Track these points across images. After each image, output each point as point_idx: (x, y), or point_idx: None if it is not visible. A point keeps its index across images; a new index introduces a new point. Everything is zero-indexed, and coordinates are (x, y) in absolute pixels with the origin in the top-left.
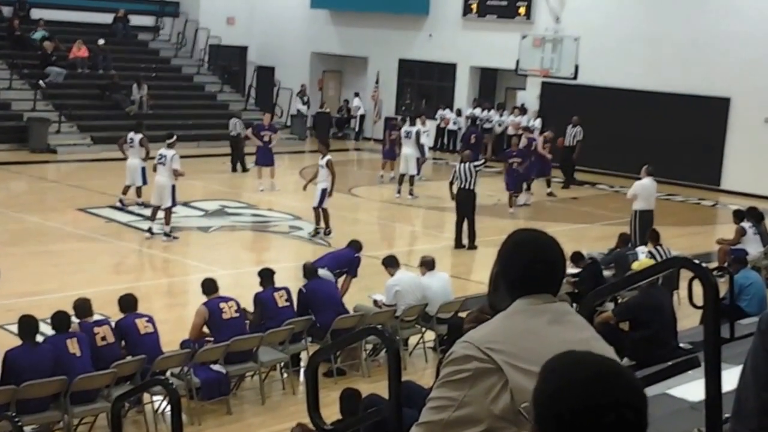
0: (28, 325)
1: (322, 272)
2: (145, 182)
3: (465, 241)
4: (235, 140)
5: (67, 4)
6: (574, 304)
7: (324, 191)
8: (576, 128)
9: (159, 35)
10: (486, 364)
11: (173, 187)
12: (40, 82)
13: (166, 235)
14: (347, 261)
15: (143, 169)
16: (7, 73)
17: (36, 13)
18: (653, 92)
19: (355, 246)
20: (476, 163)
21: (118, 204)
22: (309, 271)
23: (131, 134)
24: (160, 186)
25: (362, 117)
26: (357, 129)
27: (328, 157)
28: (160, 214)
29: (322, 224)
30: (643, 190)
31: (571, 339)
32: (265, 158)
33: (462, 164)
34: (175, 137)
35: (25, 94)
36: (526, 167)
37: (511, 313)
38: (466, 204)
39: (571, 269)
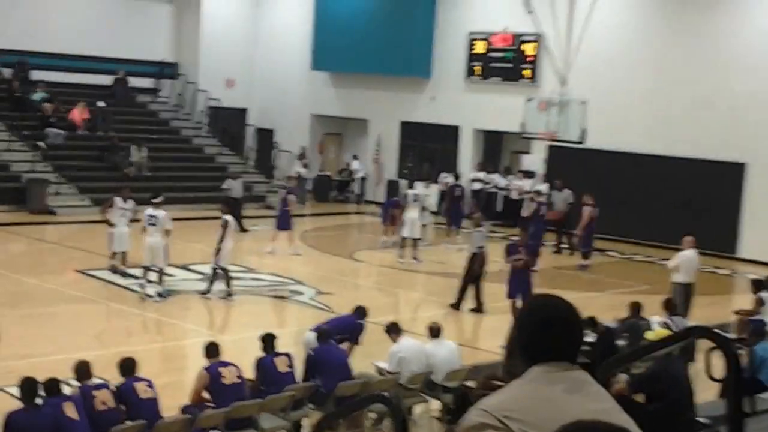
0: (29, 387)
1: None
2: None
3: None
4: (232, 201)
5: (67, 66)
6: None
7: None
8: (563, 192)
9: (158, 97)
10: (500, 430)
11: (165, 246)
12: (40, 143)
13: (160, 295)
14: (351, 328)
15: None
16: (7, 135)
17: (36, 75)
18: (664, 156)
19: (360, 313)
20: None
21: (115, 270)
22: (322, 334)
23: (119, 199)
24: (152, 247)
25: (363, 180)
26: (358, 192)
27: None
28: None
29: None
30: (687, 261)
31: (590, 409)
32: (285, 222)
33: (473, 229)
34: (162, 197)
35: (24, 156)
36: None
37: (527, 381)
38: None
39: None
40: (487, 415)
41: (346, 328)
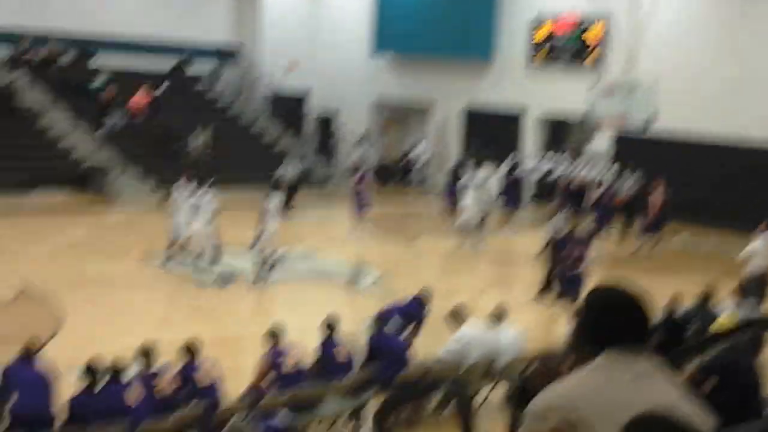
0: (92, 370)
1: (389, 324)
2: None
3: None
4: (289, 183)
5: (128, 51)
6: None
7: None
8: (631, 178)
9: (218, 83)
10: (566, 420)
11: (213, 230)
12: (101, 128)
13: (216, 280)
14: (414, 313)
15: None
16: (69, 120)
17: (97, 60)
18: (737, 140)
19: (424, 297)
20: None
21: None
22: (379, 321)
23: (180, 186)
24: (200, 232)
25: (424, 165)
26: (419, 177)
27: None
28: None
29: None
30: (764, 248)
31: (657, 397)
32: (361, 206)
33: (555, 216)
34: (209, 181)
35: (85, 141)
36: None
37: (594, 368)
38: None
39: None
40: (552, 403)
41: (409, 313)
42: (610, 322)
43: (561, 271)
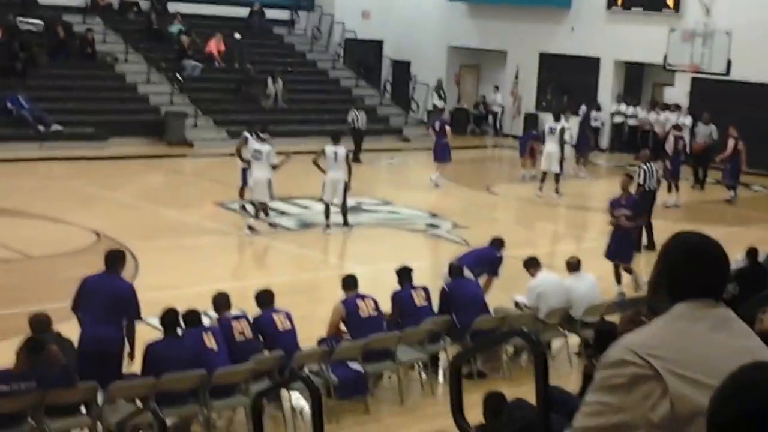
0: (169, 318)
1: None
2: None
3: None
4: (356, 132)
5: None
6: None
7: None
8: (709, 126)
9: (294, 29)
10: (644, 370)
11: (269, 181)
12: (177, 75)
13: (250, 228)
14: (489, 260)
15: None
16: (145, 67)
17: (172, 7)
18: None
19: (498, 244)
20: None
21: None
22: (454, 269)
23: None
24: (260, 182)
25: (501, 112)
26: (496, 124)
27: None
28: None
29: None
30: None
31: (735, 346)
32: (444, 154)
33: (645, 164)
34: (268, 131)
35: (162, 88)
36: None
37: (671, 318)
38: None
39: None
40: (629, 352)
41: (484, 261)
42: (688, 272)
43: (613, 230)
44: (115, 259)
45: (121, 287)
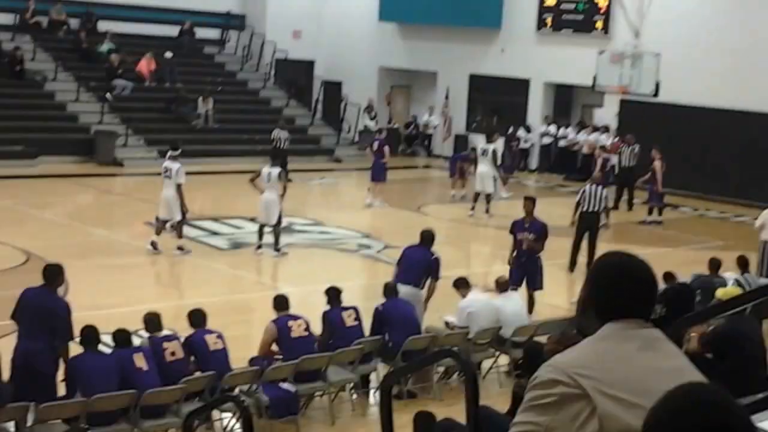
0: (89, 334)
1: (410, 291)
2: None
3: (580, 259)
4: (278, 151)
5: (134, 16)
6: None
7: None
8: (633, 147)
9: (225, 48)
10: (573, 389)
11: (180, 201)
12: (107, 94)
13: (179, 248)
14: (425, 263)
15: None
16: (75, 86)
17: (103, 26)
18: (742, 111)
19: (427, 239)
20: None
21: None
22: (388, 289)
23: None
24: (167, 200)
25: (431, 133)
26: (426, 145)
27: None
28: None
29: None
30: None
31: (664, 366)
32: (380, 173)
33: (590, 186)
34: (179, 149)
35: (92, 107)
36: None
37: (599, 338)
38: (589, 226)
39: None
40: (558, 371)
41: (421, 266)
42: (617, 292)
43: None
44: (53, 274)
45: (55, 304)
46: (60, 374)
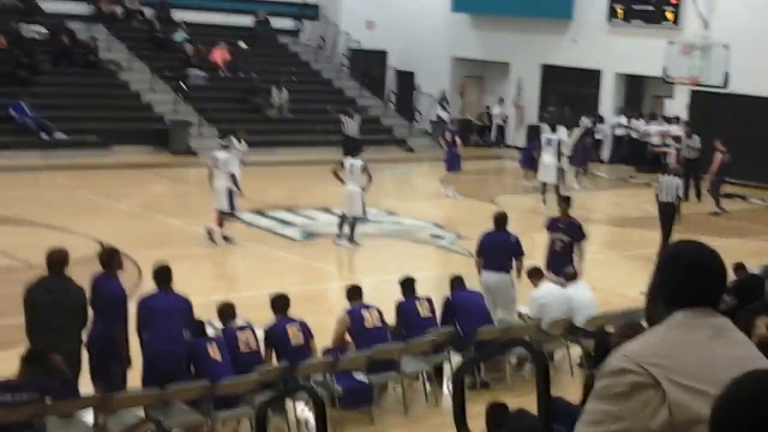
0: (163, 273)
1: (499, 277)
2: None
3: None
4: (352, 140)
5: (209, 6)
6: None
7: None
8: (692, 137)
9: (299, 38)
10: (643, 378)
11: (229, 191)
12: (181, 84)
13: (225, 239)
14: (508, 247)
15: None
16: (149, 76)
17: (177, 15)
18: None
19: (500, 222)
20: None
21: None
22: (456, 280)
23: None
24: (217, 190)
25: (503, 123)
26: (499, 135)
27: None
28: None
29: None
30: None
31: (733, 355)
32: (455, 163)
33: (665, 176)
34: (230, 138)
35: (166, 97)
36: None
37: (669, 326)
38: (665, 216)
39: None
40: (628, 360)
41: (503, 250)
42: (687, 281)
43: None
44: (108, 257)
45: (111, 288)
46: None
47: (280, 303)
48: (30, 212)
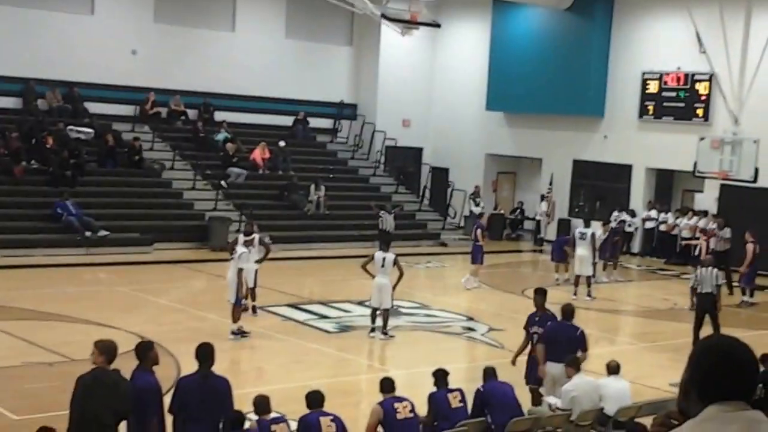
0: (204, 352)
1: (562, 369)
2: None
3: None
4: (386, 235)
5: (249, 107)
6: None
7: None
8: (724, 230)
9: (337, 137)
10: None
11: (237, 283)
12: (222, 182)
13: (234, 333)
14: (573, 340)
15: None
16: (191, 174)
17: (219, 116)
18: None
19: (569, 317)
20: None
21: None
22: (488, 372)
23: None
24: (228, 281)
25: (536, 217)
26: (532, 229)
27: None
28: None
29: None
30: None
31: None
32: (478, 256)
33: (702, 269)
34: (252, 234)
35: (207, 194)
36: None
37: (702, 420)
38: (707, 307)
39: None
40: None
41: (569, 342)
42: (720, 375)
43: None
44: (143, 351)
45: (143, 383)
46: None
47: (314, 398)
48: (72, 308)
